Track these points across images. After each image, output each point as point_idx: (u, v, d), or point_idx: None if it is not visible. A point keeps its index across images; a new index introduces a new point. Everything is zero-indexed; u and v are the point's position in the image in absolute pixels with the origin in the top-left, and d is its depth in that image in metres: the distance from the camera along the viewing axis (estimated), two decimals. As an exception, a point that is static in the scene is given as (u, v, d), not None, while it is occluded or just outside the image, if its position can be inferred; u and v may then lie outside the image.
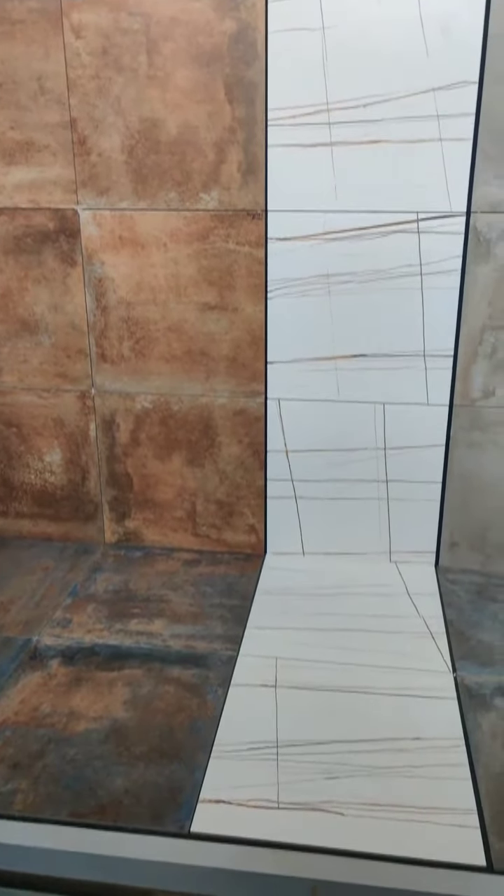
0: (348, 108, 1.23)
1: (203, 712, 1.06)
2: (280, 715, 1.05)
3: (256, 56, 1.21)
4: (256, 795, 0.91)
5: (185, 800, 0.90)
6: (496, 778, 0.94)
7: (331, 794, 0.92)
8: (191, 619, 1.29)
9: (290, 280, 1.34)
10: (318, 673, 1.15)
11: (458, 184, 1.25)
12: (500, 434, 1.39)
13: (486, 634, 1.25)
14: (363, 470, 1.45)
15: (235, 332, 1.38)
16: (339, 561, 1.50)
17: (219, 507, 1.51)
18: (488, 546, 1.46)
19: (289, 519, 1.50)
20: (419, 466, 1.43)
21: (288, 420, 1.43)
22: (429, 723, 1.04)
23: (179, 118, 1.26)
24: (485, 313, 1.32)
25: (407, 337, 1.35)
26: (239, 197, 1.30)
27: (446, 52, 1.19)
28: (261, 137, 1.26)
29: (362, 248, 1.31)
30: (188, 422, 1.46)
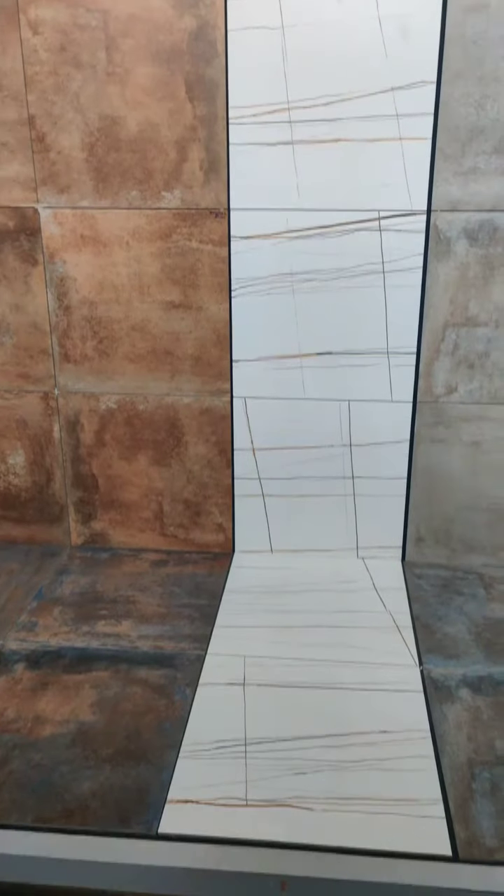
0: (309, 106, 1.24)
1: (171, 713, 1.05)
2: (248, 713, 1.06)
3: (216, 54, 1.21)
4: (224, 794, 0.91)
5: (153, 801, 0.90)
6: (461, 768, 0.95)
7: (299, 789, 0.92)
8: (158, 619, 1.28)
9: (254, 278, 1.34)
10: (286, 670, 1.15)
11: (419, 182, 1.27)
12: (463, 430, 1.41)
13: (451, 627, 1.27)
14: (329, 467, 1.45)
15: (200, 331, 1.38)
16: (307, 558, 1.50)
17: (186, 507, 1.51)
18: (453, 540, 1.48)
19: (256, 517, 1.50)
20: (384, 462, 1.44)
21: (254, 418, 1.43)
22: (395, 716, 1.05)
23: (140, 116, 1.25)
24: (446, 311, 1.34)
25: (371, 334, 1.36)
26: (201, 195, 1.30)
27: (404, 52, 1.20)
28: (222, 136, 1.26)
29: (325, 247, 1.31)
30: (154, 421, 1.45)
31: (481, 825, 0.86)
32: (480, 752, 0.98)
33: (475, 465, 1.42)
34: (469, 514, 1.46)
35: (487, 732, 1.01)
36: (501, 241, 1.28)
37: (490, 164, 1.25)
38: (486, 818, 0.87)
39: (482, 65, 1.19)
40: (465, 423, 1.40)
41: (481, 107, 1.22)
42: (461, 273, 1.31)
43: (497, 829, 0.86)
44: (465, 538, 1.48)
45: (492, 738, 1.00)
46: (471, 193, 1.27)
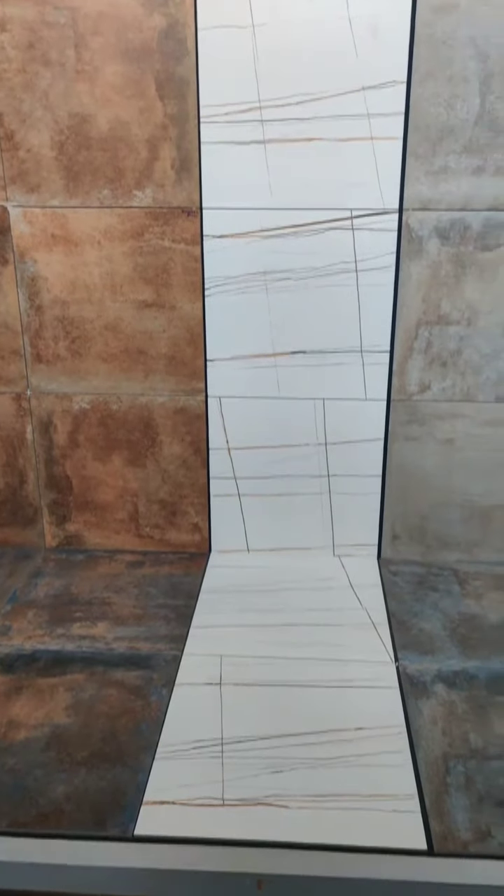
0: (281, 105, 1.24)
1: (147, 714, 1.04)
2: (225, 712, 1.05)
3: (186, 52, 1.21)
4: (201, 794, 0.91)
5: (129, 803, 0.89)
6: (436, 762, 0.96)
7: (275, 787, 0.92)
8: (134, 620, 1.28)
9: (227, 277, 1.34)
10: (263, 669, 1.15)
11: (390, 182, 1.27)
12: (436, 427, 1.42)
13: (426, 623, 1.28)
14: (305, 465, 1.46)
15: (173, 330, 1.37)
16: (284, 557, 1.51)
17: (161, 507, 1.50)
18: (428, 537, 1.49)
19: (233, 516, 1.50)
20: (359, 461, 1.45)
21: (229, 417, 1.43)
22: (371, 712, 1.05)
23: (110, 114, 1.25)
24: (419, 309, 1.35)
25: (344, 333, 1.37)
26: (173, 194, 1.29)
27: (375, 51, 1.20)
28: (194, 134, 1.26)
29: (298, 246, 1.31)
30: (128, 421, 1.44)
31: (456, 819, 0.87)
32: (455, 746, 0.99)
33: (449, 463, 1.44)
34: (443, 510, 1.47)
35: (462, 726, 1.02)
36: (472, 239, 1.30)
37: (460, 164, 1.26)
38: (461, 811, 0.88)
39: (451, 65, 1.20)
40: (439, 421, 1.41)
41: (451, 107, 1.23)
42: (433, 272, 1.32)
43: (471, 823, 0.86)
44: (439, 535, 1.49)
45: (466, 731, 1.01)
46: (442, 193, 1.28)
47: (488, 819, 0.87)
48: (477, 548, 1.49)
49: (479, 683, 1.11)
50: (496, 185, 1.26)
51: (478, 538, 1.48)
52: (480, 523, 1.47)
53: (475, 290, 1.32)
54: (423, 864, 0.81)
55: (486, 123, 1.23)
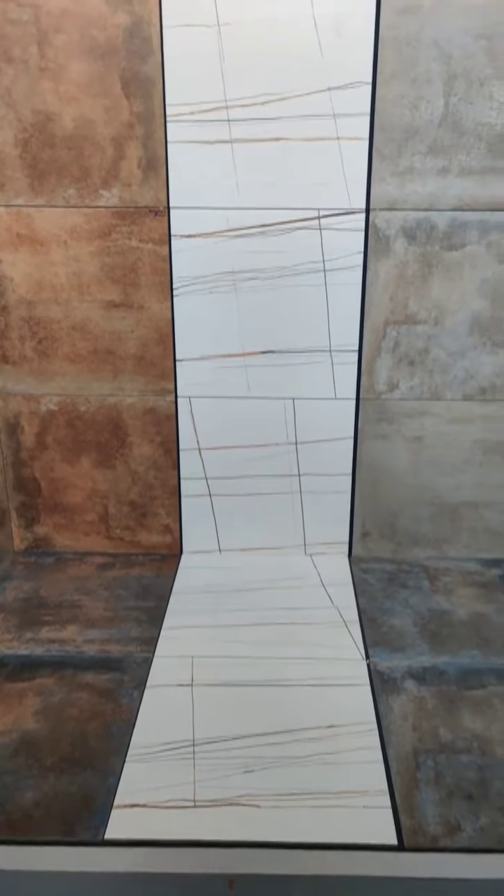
0: (247, 105, 1.24)
1: (118, 717, 1.04)
2: (196, 713, 1.05)
3: (151, 51, 1.20)
4: (172, 796, 0.90)
5: (99, 807, 0.89)
6: (406, 758, 0.97)
7: (247, 787, 0.92)
8: (105, 623, 1.27)
9: (195, 277, 1.34)
10: (235, 669, 1.15)
11: (357, 182, 1.28)
12: (405, 425, 1.43)
13: (397, 620, 1.29)
14: (276, 465, 1.46)
15: (142, 330, 1.36)
16: (256, 556, 1.51)
17: (132, 509, 1.49)
18: (398, 534, 1.51)
19: (204, 517, 1.50)
20: (330, 459, 1.46)
21: (199, 418, 1.43)
22: (343, 710, 1.06)
23: (75, 112, 1.23)
24: (387, 308, 1.36)
25: (313, 333, 1.37)
26: (140, 194, 1.29)
27: (340, 52, 1.21)
28: (160, 133, 1.25)
29: (266, 245, 1.32)
30: (96, 422, 1.43)
31: (426, 813, 0.88)
32: (425, 741, 0.99)
33: (418, 460, 1.45)
34: (413, 508, 1.48)
35: (431, 721, 1.03)
36: (438, 239, 1.31)
37: (425, 165, 1.27)
38: (431, 806, 0.89)
39: (415, 66, 1.21)
40: (408, 419, 1.42)
41: (416, 108, 1.24)
42: (400, 271, 1.33)
43: (441, 817, 0.87)
44: (409, 532, 1.50)
45: (435, 726, 1.02)
46: (408, 193, 1.29)
47: (457, 813, 0.88)
48: (446, 544, 1.51)
49: (449, 679, 1.13)
50: (461, 186, 1.28)
51: (447, 535, 1.50)
52: (449, 520, 1.49)
53: (442, 289, 1.34)
54: (394, 860, 0.82)
55: (449, 125, 1.24)
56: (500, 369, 1.38)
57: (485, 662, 1.16)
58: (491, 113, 1.23)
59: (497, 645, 1.21)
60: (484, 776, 0.93)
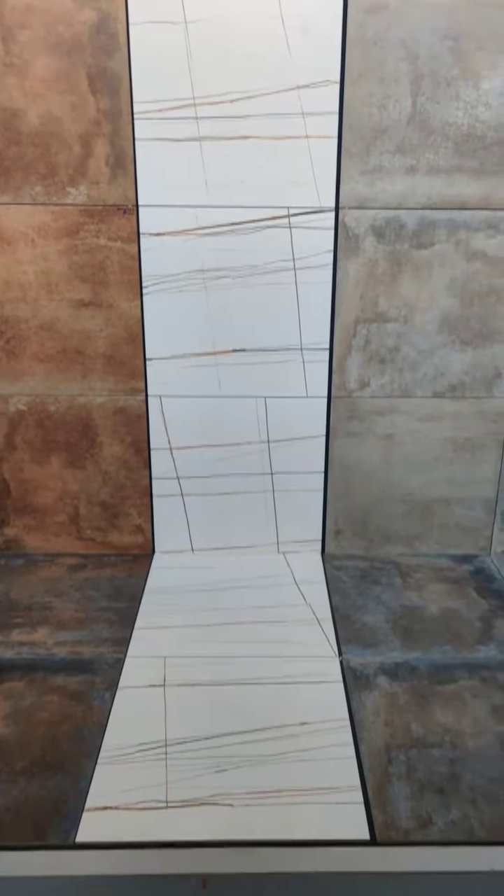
0: (215, 103, 1.24)
1: (89, 719, 1.03)
2: (169, 714, 1.04)
3: (118, 47, 1.19)
4: (144, 797, 0.90)
5: (70, 811, 0.88)
6: (378, 753, 0.97)
7: (220, 787, 0.91)
8: (76, 624, 1.25)
9: (165, 276, 1.33)
10: (208, 668, 1.14)
11: (326, 180, 1.28)
12: (376, 423, 1.44)
13: (369, 617, 1.29)
14: (248, 464, 1.46)
15: (111, 329, 1.35)
16: (229, 555, 1.50)
17: (103, 509, 1.48)
18: (370, 531, 1.51)
19: (176, 517, 1.49)
20: (302, 457, 1.46)
21: (170, 417, 1.42)
22: (316, 707, 1.06)
23: (41, 108, 1.22)
24: (357, 307, 1.36)
25: (284, 331, 1.37)
26: (108, 191, 1.28)
27: (308, 51, 1.21)
28: (128, 131, 1.24)
29: (236, 243, 1.31)
30: (66, 422, 1.41)
31: (398, 808, 0.88)
32: (397, 737, 1.00)
33: (389, 458, 1.46)
34: (385, 505, 1.49)
35: (403, 716, 1.04)
36: (407, 237, 1.32)
37: (394, 163, 1.28)
38: (403, 800, 0.89)
39: (383, 66, 1.22)
40: (379, 417, 1.43)
41: (384, 107, 1.25)
42: (370, 270, 1.34)
43: (412, 811, 0.88)
44: (381, 529, 1.51)
45: (407, 721, 1.03)
46: (377, 191, 1.29)
47: (429, 806, 0.88)
48: (418, 541, 1.52)
49: (421, 674, 1.13)
50: (429, 185, 1.29)
51: (418, 531, 1.51)
52: (421, 517, 1.50)
53: (411, 287, 1.35)
54: (366, 854, 0.82)
55: (417, 124, 1.25)
56: (469, 367, 1.40)
57: (456, 657, 1.17)
58: (457, 113, 1.25)
59: (468, 640, 1.22)
60: (455, 770, 0.94)
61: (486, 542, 1.52)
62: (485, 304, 1.36)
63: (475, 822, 0.86)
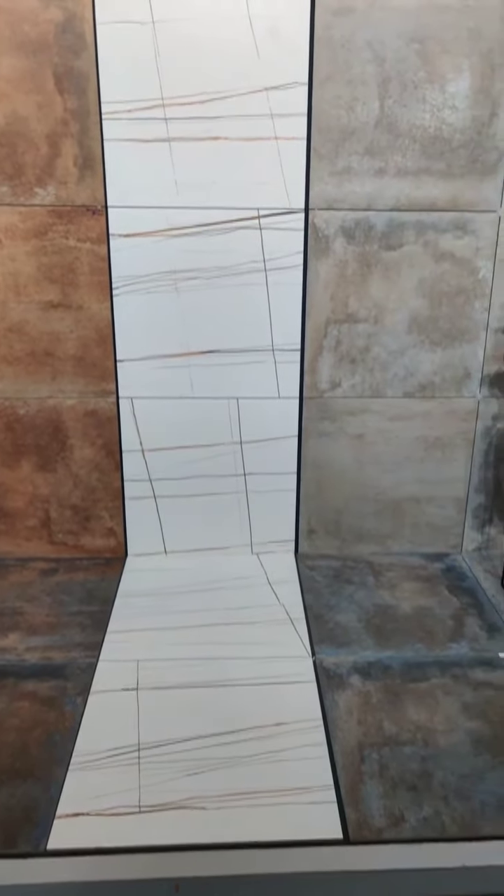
0: (184, 104, 1.23)
1: (60, 725, 1.02)
2: (142, 718, 1.04)
3: (85, 46, 1.18)
4: (117, 803, 0.89)
5: (41, 818, 0.87)
6: (351, 752, 0.97)
7: (193, 790, 0.91)
8: (47, 629, 1.24)
9: (135, 277, 1.32)
10: (181, 671, 1.14)
11: (296, 181, 1.29)
12: (348, 423, 1.44)
13: (342, 616, 1.30)
14: (221, 465, 1.45)
15: (81, 331, 1.34)
16: (202, 557, 1.50)
17: (74, 513, 1.46)
18: (343, 530, 1.52)
19: (149, 519, 1.48)
20: (275, 458, 1.46)
21: (142, 419, 1.41)
22: (289, 707, 1.06)
23: (7, 108, 1.21)
24: (327, 307, 1.37)
25: (255, 332, 1.37)
26: (77, 192, 1.27)
27: (276, 52, 1.21)
28: (96, 131, 1.23)
29: (206, 245, 1.31)
30: (36, 425, 1.40)
31: (370, 806, 0.89)
32: (370, 735, 1.00)
33: (361, 457, 1.47)
34: (357, 504, 1.50)
35: (376, 715, 1.04)
36: (377, 238, 1.33)
37: (363, 165, 1.28)
38: (375, 799, 0.90)
39: (350, 68, 1.23)
40: (350, 417, 1.44)
41: (351, 109, 1.25)
42: (340, 271, 1.35)
43: (385, 809, 0.88)
44: (354, 528, 1.52)
45: (380, 719, 1.03)
46: (346, 193, 1.30)
47: (401, 804, 0.89)
48: (390, 539, 1.53)
49: (394, 672, 1.14)
50: (397, 187, 1.30)
51: (390, 530, 1.52)
52: (392, 516, 1.51)
53: (381, 288, 1.36)
54: (339, 854, 0.82)
55: (385, 126, 1.26)
56: (439, 367, 1.41)
57: (428, 655, 1.18)
58: (424, 115, 1.26)
59: (440, 637, 1.24)
60: (427, 767, 0.95)
61: (457, 540, 1.54)
62: (453, 305, 1.37)
63: (447, 819, 0.87)
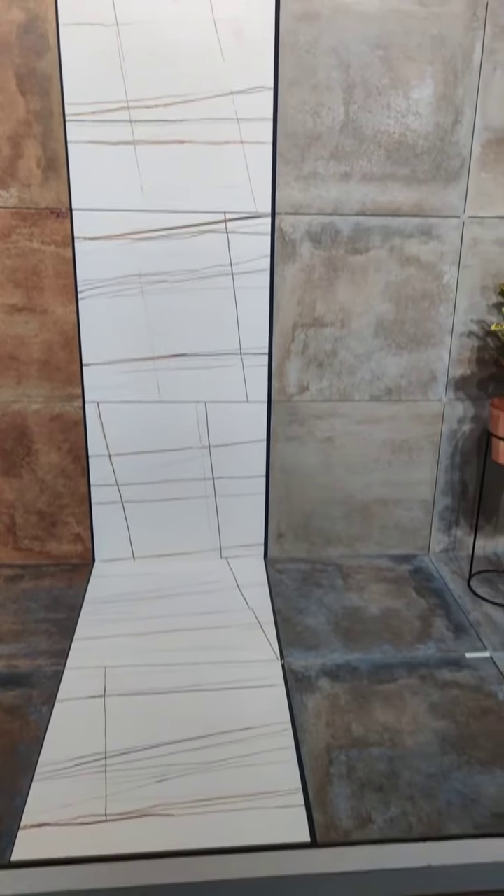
0: (149, 106, 1.23)
1: (25, 734, 1.00)
2: (109, 725, 1.02)
3: (48, 48, 1.17)
4: (82, 812, 0.88)
5: (5, 829, 0.85)
6: (320, 755, 0.97)
7: (161, 797, 0.90)
8: (12, 637, 1.22)
9: (101, 280, 1.31)
10: (149, 677, 1.13)
11: (262, 185, 1.29)
12: (316, 427, 1.45)
13: (311, 619, 1.30)
14: (189, 469, 1.45)
15: (46, 335, 1.33)
16: (171, 562, 1.49)
17: (40, 518, 1.44)
18: (312, 534, 1.52)
19: (116, 524, 1.47)
20: (243, 462, 1.46)
21: (109, 423, 1.40)
22: (258, 711, 1.06)
23: (-31, 108, 1.19)
24: (295, 311, 1.37)
25: (223, 336, 1.37)
26: (41, 194, 1.25)
27: (241, 57, 1.22)
28: (59, 133, 1.22)
29: (173, 248, 1.31)
30: (0, 430, 1.38)
31: (338, 808, 0.89)
32: (338, 737, 1.01)
33: (329, 460, 1.47)
34: (325, 507, 1.50)
35: (345, 717, 1.04)
36: (343, 243, 1.34)
37: (328, 170, 1.29)
38: (343, 800, 0.90)
39: (315, 73, 1.23)
40: (318, 420, 1.44)
41: (317, 114, 1.26)
42: (307, 275, 1.35)
43: (353, 810, 0.88)
44: (322, 531, 1.52)
45: (348, 721, 1.04)
46: (312, 197, 1.31)
47: (368, 805, 0.89)
48: (359, 542, 1.54)
49: (362, 674, 1.14)
50: (363, 191, 1.31)
51: (359, 532, 1.53)
52: (361, 518, 1.52)
53: (347, 292, 1.36)
54: (306, 857, 0.82)
55: (350, 131, 1.27)
56: (405, 370, 1.42)
57: (396, 656, 1.19)
58: (389, 121, 1.27)
59: (408, 638, 1.24)
60: (394, 767, 0.95)
61: (424, 541, 1.55)
62: (419, 309, 1.38)
63: (413, 819, 0.87)
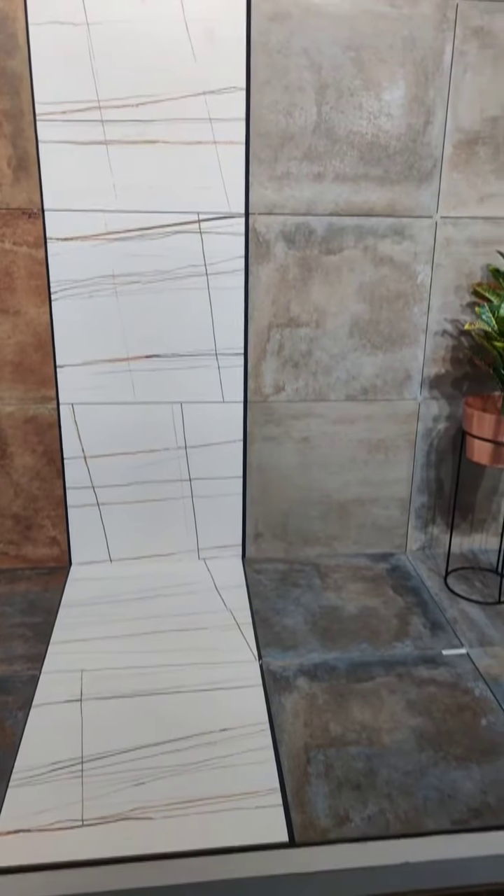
0: (121, 106, 1.22)
1: (0, 740, 0.99)
2: (86, 729, 1.02)
3: (17, 46, 1.16)
4: (59, 817, 0.87)
5: (-20, 837, 0.84)
6: (298, 754, 0.97)
7: (139, 800, 0.90)
8: (-13, 642, 1.21)
9: (74, 281, 1.30)
10: (127, 680, 1.12)
11: (235, 186, 1.29)
12: (292, 427, 1.45)
13: (289, 619, 1.30)
14: (166, 470, 1.44)
15: (19, 336, 1.31)
16: (148, 564, 1.48)
17: (15, 522, 1.43)
18: (289, 534, 1.52)
19: (93, 527, 1.46)
20: (220, 463, 1.46)
21: (84, 425, 1.39)
22: (236, 712, 1.06)
23: None
24: (269, 312, 1.37)
25: (198, 336, 1.37)
26: (11, 195, 1.24)
27: (213, 56, 1.21)
28: (30, 132, 1.21)
29: (146, 248, 1.30)
30: (-26, 433, 1.36)
31: (316, 807, 0.89)
32: (316, 736, 1.01)
33: (305, 460, 1.47)
34: (303, 507, 1.51)
35: (322, 716, 1.05)
36: (317, 243, 1.34)
37: (301, 170, 1.30)
38: (321, 799, 0.90)
39: (287, 74, 1.24)
40: (294, 421, 1.45)
41: (290, 114, 1.26)
42: (281, 275, 1.35)
43: (331, 809, 0.89)
44: (300, 531, 1.52)
45: (326, 720, 1.04)
46: (286, 197, 1.31)
47: (346, 804, 0.89)
48: (336, 541, 1.54)
49: (339, 673, 1.15)
50: (336, 192, 1.31)
51: (336, 532, 1.53)
52: (338, 517, 1.52)
53: (321, 292, 1.37)
54: (285, 857, 0.82)
55: (323, 132, 1.27)
56: (380, 370, 1.43)
57: (373, 655, 1.20)
58: (361, 122, 1.28)
59: (385, 637, 1.25)
60: (371, 765, 0.95)
61: (401, 540, 1.56)
62: (393, 309, 1.39)
63: (391, 816, 0.88)
